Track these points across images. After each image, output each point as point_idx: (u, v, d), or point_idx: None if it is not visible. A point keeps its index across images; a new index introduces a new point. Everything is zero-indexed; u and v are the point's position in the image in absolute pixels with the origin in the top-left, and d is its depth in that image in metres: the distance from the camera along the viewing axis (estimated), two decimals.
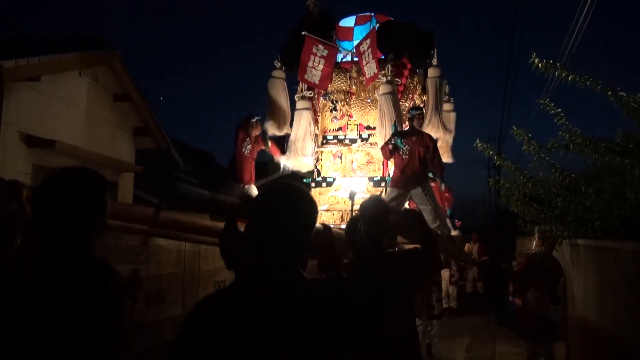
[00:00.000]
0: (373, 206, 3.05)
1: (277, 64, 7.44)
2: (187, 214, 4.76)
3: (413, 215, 4.12)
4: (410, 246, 4.84)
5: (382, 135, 6.49)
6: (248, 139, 6.62)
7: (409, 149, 5.96)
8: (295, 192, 1.43)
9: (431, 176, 6.30)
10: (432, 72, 7.08)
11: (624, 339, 3.25)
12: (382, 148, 6.25)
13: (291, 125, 7.27)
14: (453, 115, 7.60)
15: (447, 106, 7.45)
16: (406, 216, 4.37)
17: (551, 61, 4.14)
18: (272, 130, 7.37)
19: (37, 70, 6.88)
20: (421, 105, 7.05)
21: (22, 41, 7.89)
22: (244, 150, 6.64)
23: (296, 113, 7.15)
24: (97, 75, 8.74)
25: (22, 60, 6.45)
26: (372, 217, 2.96)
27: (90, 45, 8.20)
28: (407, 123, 7.01)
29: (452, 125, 7.46)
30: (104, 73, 8.91)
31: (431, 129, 6.78)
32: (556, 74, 4.15)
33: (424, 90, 7.40)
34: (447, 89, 7.41)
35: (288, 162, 7.10)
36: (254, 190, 6.72)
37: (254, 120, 6.71)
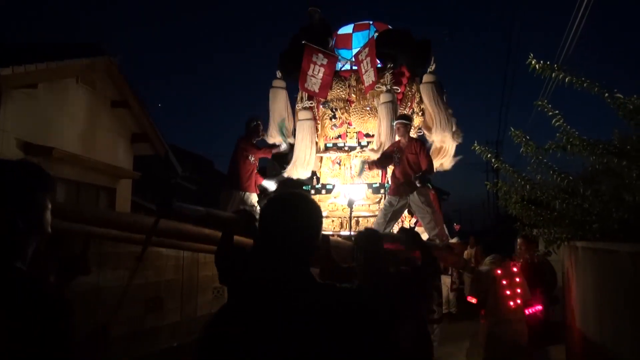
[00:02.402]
0: (367, 238, 3.17)
1: (278, 74, 7.48)
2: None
3: (409, 233, 4.14)
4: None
5: (383, 143, 6.51)
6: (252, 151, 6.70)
7: (399, 156, 6.03)
8: (298, 199, 1.50)
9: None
10: (426, 78, 7.10)
11: (622, 340, 3.24)
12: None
13: (293, 134, 7.33)
14: (453, 120, 7.60)
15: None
16: (403, 234, 4.39)
17: (548, 62, 4.14)
18: (274, 140, 7.43)
19: (34, 77, 6.88)
20: (409, 114, 7.01)
21: (19, 48, 7.89)
22: (250, 158, 6.69)
23: (298, 124, 7.18)
24: (94, 82, 8.74)
25: (19, 67, 6.45)
26: (367, 247, 3.07)
27: (87, 52, 8.21)
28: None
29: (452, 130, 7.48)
30: (101, 80, 8.91)
31: (438, 133, 6.79)
32: (553, 75, 4.14)
33: (422, 99, 7.42)
34: (445, 96, 7.40)
35: (291, 171, 7.15)
36: (254, 198, 6.73)
37: (255, 124, 6.80)
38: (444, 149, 7.37)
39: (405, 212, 6.48)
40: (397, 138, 6.24)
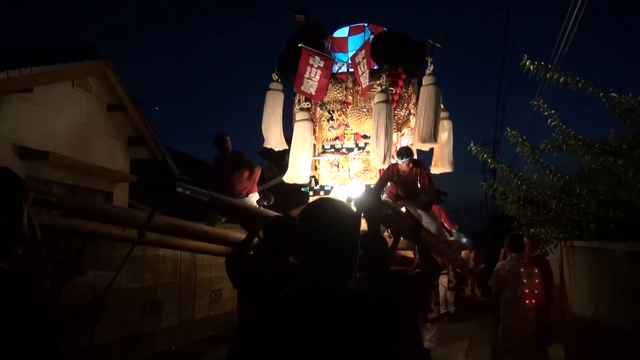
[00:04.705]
0: (367, 198, 3.02)
1: (274, 77, 7.52)
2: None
3: (409, 218, 4.13)
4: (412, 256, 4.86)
5: (376, 143, 6.53)
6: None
7: (399, 181, 6.30)
8: (341, 207, 1.48)
9: None
10: (426, 80, 7.12)
11: (620, 338, 3.24)
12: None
13: (287, 138, 7.38)
14: (447, 123, 7.63)
15: (442, 114, 7.49)
16: (402, 217, 4.38)
17: (542, 63, 4.14)
18: (270, 145, 7.45)
19: (29, 81, 6.85)
20: (410, 146, 7.09)
21: (14, 52, 7.87)
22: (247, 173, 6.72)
23: (295, 125, 7.20)
24: (90, 86, 8.72)
25: (14, 71, 6.42)
26: (367, 209, 2.91)
27: (83, 56, 8.18)
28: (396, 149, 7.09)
29: (445, 134, 7.52)
30: (97, 83, 8.89)
31: (426, 138, 6.84)
32: (548, 76, 4.15)
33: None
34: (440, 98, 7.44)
35: (288, 175, 7.18)
36: (256, 197, 6.72)
37: (227, 138, 6.87)
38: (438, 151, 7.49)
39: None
40: (397, 161, 6.39)
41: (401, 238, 5.03)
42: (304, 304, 1.34)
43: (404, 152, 6.33)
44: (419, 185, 6.29)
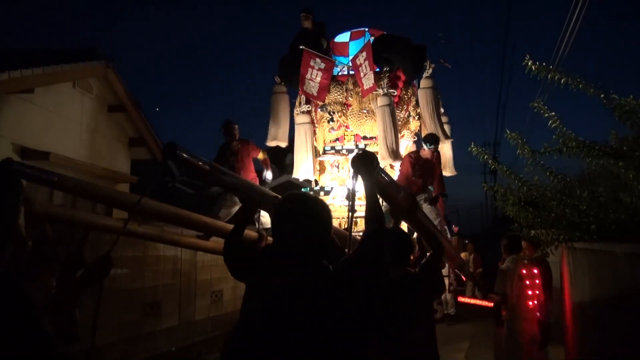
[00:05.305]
0: (363, 158, 2.83)
1: (277, 80, 7.58)
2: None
3: (404, 191, 4.04)
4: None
5: (383, 145, 6.57)
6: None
7: (419, 172, 6.31)
8: (311, 200, 1.56)
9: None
10: (424, 83, 7.20)
11: (619, 339, 3.25)
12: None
13: (291, 138, 7.43)
14: (445, 127, 7.69)
15: (442, 118, 7.55)
16: (397, 188, 4.25)
17: (544, 64, 4.14)
18: (271, 142, 7.49)
19: (30, 82, 6.87)
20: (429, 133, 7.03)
21: (15, 53, 7.88)
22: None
23: (296, 127, 7.26)
24: (91, 87, 8.74)
25: (15, 72, 6.44)
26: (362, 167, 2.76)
27: (83, 57, 8.20)
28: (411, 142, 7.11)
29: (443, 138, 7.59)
30: (98, 84, 8.91)
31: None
32: (549, 76, 4.15)
33: (419, 103, 7.50)
34: (440, 100, 7.49)
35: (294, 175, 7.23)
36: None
37: (235, 125, 6.77)
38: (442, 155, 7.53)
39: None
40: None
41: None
42: (302, 302, 1.36)
43: (432, 139, 6.33)
44: (429, 178, 6.35)
